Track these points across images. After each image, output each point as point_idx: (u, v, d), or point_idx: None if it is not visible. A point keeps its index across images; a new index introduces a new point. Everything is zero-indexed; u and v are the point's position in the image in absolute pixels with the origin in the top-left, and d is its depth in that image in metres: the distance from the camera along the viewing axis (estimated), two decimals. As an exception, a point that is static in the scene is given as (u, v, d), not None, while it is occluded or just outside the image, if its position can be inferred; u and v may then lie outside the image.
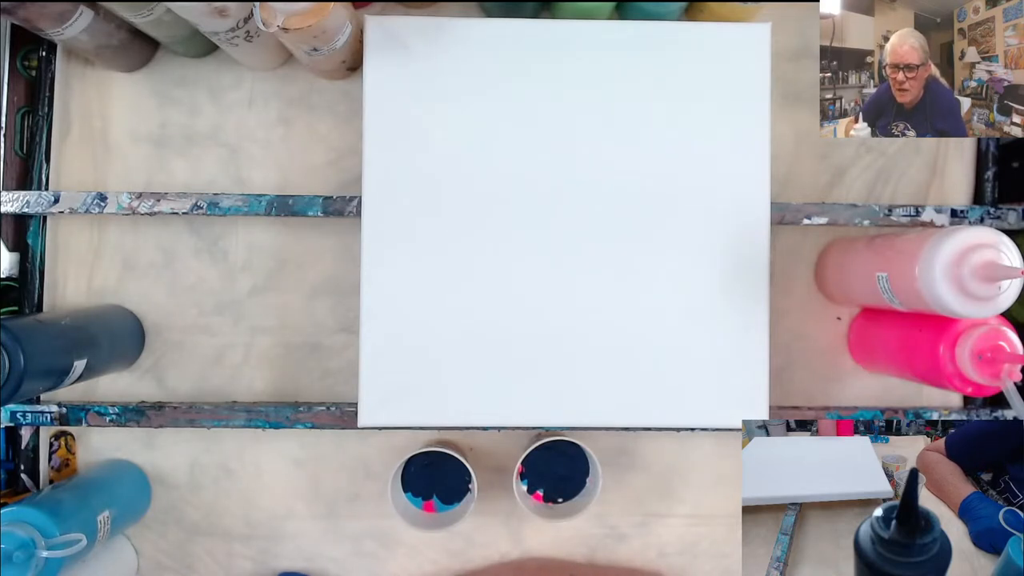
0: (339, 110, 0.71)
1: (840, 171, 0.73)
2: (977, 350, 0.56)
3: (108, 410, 0.67)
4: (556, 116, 0.61)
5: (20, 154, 0.70)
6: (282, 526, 0.72)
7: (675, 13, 0.66)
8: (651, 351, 0.61)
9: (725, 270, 0.62)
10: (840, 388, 0.73)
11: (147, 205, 0.66)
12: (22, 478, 0.70)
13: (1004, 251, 0.53)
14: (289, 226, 0.71)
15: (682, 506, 0.73)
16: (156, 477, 0.71)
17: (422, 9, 0.71)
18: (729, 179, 0.62)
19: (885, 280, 0.60)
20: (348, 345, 0.71)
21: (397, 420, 0.61)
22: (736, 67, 0.62)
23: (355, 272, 0.61)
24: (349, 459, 0.72)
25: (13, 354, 0.52)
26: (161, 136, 0.71)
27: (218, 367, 0.71)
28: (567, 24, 0.62)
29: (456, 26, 0.61)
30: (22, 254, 0.70)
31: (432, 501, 0.68)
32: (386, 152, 0.61)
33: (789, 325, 0.73)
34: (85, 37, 0.61)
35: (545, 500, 0.69)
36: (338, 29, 0.58)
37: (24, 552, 0.55)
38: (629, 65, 0.62)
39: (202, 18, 0.57)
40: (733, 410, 0.62)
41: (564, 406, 0.61)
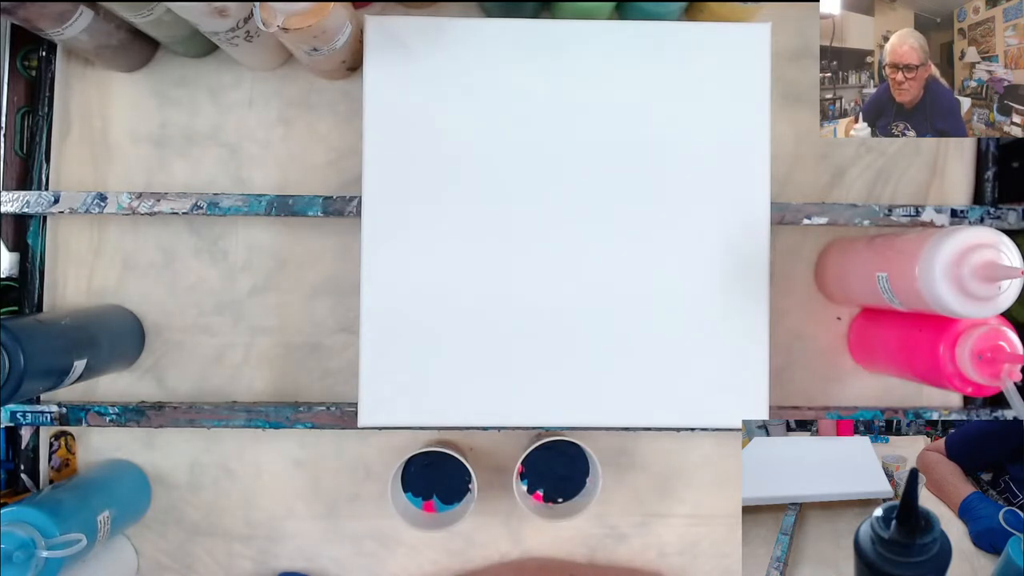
0: (339, 110, 0.71)
1: (840, 171, 0.73)
2: (977, 350, 0.56)
3: (108, 410, 0.67)
4: (556, 116, 0.61)
5: (20, 154, 0.70)
6: (282, 526, 0.72)
7: (675, 13, 0.66)
8: (651, 351, 0.61)
9: (725, 270, 0.62)
10: (840, 388, 0.73)
11: (147, 205, 0.66)
12: (22, 478, 0.70)
13: (1004, 251, 0.53)
14: (289, 226, 0.71)
15: (682, 506, 0.73)
16: (156, 477, 0.71)
17: (422, 9, 0.71)
18: (729, 179, 0.62)
19: (885, 280, 0.60)
20: (348, 345, 0.71)
21: (397, 420, 0.61)
22: (736, 67, 0.62)
23: (355, 272, 0.61)
24: (349, 459, 0.72)
25: (13, 354, 0.52)
26: (161, 136, 0.71)
27: (218, 367, 0.71)
28: (567, 24, 0.62)
29: (456, 26, 0.61)
30: (22, 254, 0.70)
31: (432, 501, 0.68)
32: (386, 152, 0.61)
33: (789, 325, 0.73)
34: (85, 37, 0.61)
35: (545, 500, 0.69)
36: (338, 29, 0.58)
37: (24, 552, 0.55)
38: (629, 65, 0.62)
39: (202, 18, 0.57)
40: (733, 410, 0.62)
41: (564, 406, 0.61)
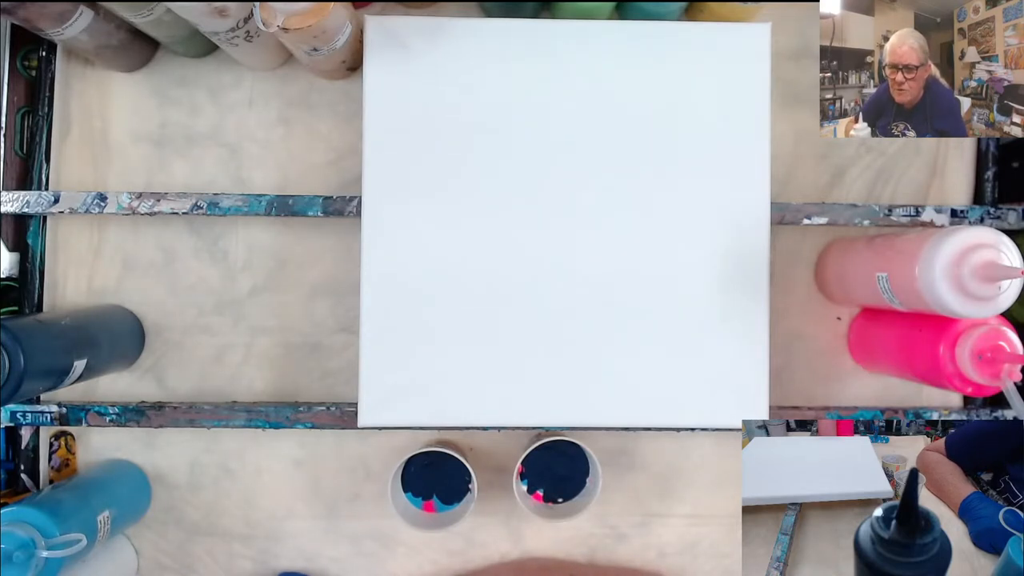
0: (339, 110, 0.71)
1: (840, 171, 0.73)
2: (977, 350, 0.56)
3: (108, 410, 0.67)
4: (556, 116, 0.61)
5: (20, 154, 0.70)
6: (282, 526, 0.72)
7: (675, 13, 0.66)
8: (651, 351, 0.61)
9: (725, 270, 0.62)
10: (840, 388, 0.73)
11: (147, 205, 0.66)
12: (22, 478, 0.70)
13: (1004, 251, 0.53)
14: (289, 226, 0.71)
15: (682, 506, 0.73)
16: (156, 477, 0.71)
17: (422, 9, 0.71)
18: (729, 179, 0.62)
19: (885, 280, 0.60)
20: (348, 345, 0.71)
21: (397, 420, 0.61)
22: (736, 67, 0.62)
23: (355, 272, 0.61)
24: (349, 459, 0.72)
25: (13, 354, 0.52)
26: (161, 136, 0.71)
27: (218, 367, 0.71)
28: (567, 24, 0.62)
29: (456, 26, 0.61)
30: (22, 254, 0.70)
31: (432, 501, 0.68)
32: (386, 152, 0.61)
33: (789, 325, 0.73)
34: (85, 37, 0.61)
35: (545, 500, 0.69)
36: (338, 29, 0.58)
37: (24, 552, 0.55)
38: (629, 65, 0.62)
39: (202, 18, 0.57)
40: (733, 410, 0.62)
41: (564, 406, 0.61)
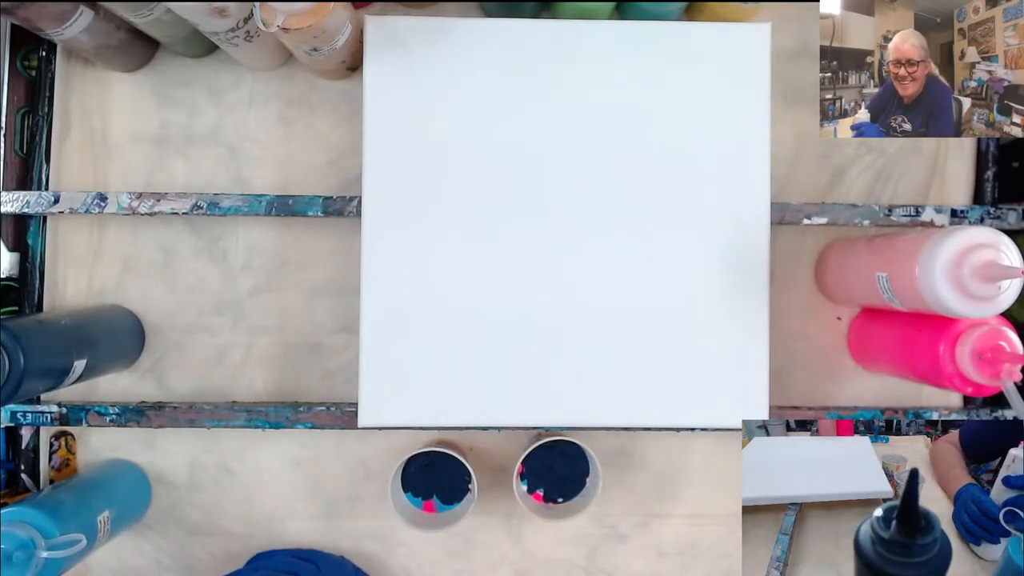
0: (339, 110, 0.71)
1: (840, 171, 0.73)
2: (977, 350, 0.56)
3: (108, 410, 0.67)
4: (556, 116, 0.61)
5: (20, 154, 0.70)
6: (282, 526, 0.72)
7: (675, 13, 0.66)
8: (651, 351, 0.61)
9: (725, 270, 0.62)
10: (840, 388, 0.73)
11: (147, 205, 0.66)
12: (22, 478, 0.70)
13: (1004, 251, 0.53)
14: (289, 226, 0.71)
15: (682, 506, 0.73)
16: (156, 477, 0.71)
17: (422, 9, 0.71)
18: (729, 179, 0.62)
19: (885, 280, 0.60)
20: (348, 345, 0.71)
21: (397, 420, 0.61)
22: (736, 67, 0.62)
23: (355, 272, 0.61)
24: (349, 459, 0.72)
25: (13, 354, 0.52)
26: (161, 136, 0.71)
27: (218, 367, 0.71)
28: (567, 24, 0.62)
29: (456, 26, 0.61)
30: (22, 254, 0.70)
31: (432, 501, 0.68)
32: (386, 152, 0.61)
33: (789, 325, 0.72)
34: (85, 37, 0.61)
35: (545, 500, 0.69)
36: (338, 29, 0.58)
37: (24, 552, 0.55)
38: (629, 65, 0.62)
39: (202, 18, 0.57)
40: (733, 410, 0.62)
41: (564, 406, 0.61)
